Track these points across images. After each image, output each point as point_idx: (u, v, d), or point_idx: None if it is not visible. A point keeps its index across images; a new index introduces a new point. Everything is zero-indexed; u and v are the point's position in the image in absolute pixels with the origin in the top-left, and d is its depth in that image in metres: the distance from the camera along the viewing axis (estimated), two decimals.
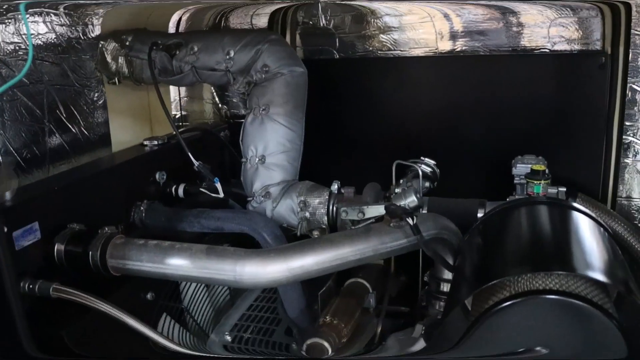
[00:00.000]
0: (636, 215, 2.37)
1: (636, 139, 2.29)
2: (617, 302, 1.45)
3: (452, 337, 1.49)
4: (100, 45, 2.24)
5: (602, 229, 1.70)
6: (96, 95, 2.23)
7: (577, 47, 2.44)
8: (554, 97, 2.45)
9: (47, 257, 1.66)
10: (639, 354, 1.34)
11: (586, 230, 1.64)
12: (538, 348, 1.36)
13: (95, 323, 1.63)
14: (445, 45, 2.59)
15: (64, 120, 2.07)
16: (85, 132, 2.16)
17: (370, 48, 2.69)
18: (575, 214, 1.73)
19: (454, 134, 2.56)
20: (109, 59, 2.26)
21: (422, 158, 2.16)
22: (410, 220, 1.63)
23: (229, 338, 2.02)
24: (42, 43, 1.96)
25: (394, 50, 2.64)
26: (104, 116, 2.27)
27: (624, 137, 2.31)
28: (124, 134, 2.40)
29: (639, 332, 1.36)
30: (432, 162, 2.16)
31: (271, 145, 2.17)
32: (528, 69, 2.47)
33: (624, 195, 2.37)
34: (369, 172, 2.18)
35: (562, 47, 2.45)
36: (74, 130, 2.11)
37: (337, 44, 2.71)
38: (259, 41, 2.16)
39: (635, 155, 2.31)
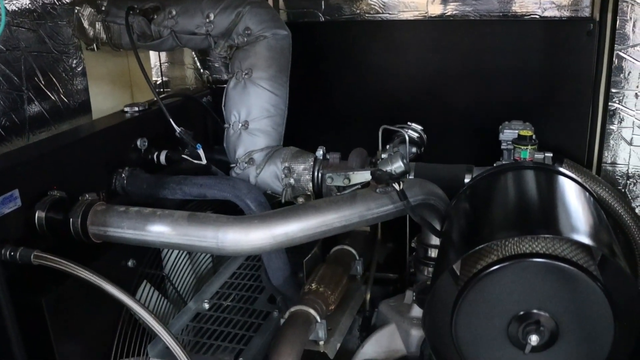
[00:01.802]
0: (620, 181, 2.38)
1: (622, 106, 2.29)
2: (601, 264, 1.45)
3: (443, 301, 1.49)
4: (76, 11, 2.19)
5: (587, 193, 1.70)
6: (75, 62, 2.19)
7: (566, 13, 2.42)
8: (542, 64, 2.43)
9: (28, 225, 1.65)
10: (623, 314, 1.34)
11: (572, 194, 1.64)
12: (535, 310, 1.36)
13: (75, 290, 1.62)
14: (436, 9, 2.55)
15: (43, 87, 2.04)
16: (65, 99, 2.13)
17: (358, 11, 2.64)
18: (562, 178, 1.72)
19: (442, 100, 2.54)
20: (85, 24, 2.21)
21: (409, 123, 2.14)
22: (396, 186, 1.61)
23: (207, 306, 2.00)
24: (17, 9, 1.92)
25: (382, 13, 2.60)
26: (84, 83, 2.23)
27: (609, 104, 2.31)
28: (104, 101, 2.37)
29: (622, 294, 1.37)
30: (419, 127, 2.14)
31: (254, 111, 2.13)
32: (517, 35, 2.44)
33: (609, 161, 2.38)
34: (355, 137, 2.16)
35: (552, 13, 2.43)
36: (53, 98, 2.08)
37: (323, 7, 2.66)
38: (239, 3, 2.11)
39: (621, 122, 2.32)
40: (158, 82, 2.79)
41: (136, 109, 2.22)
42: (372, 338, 2.07)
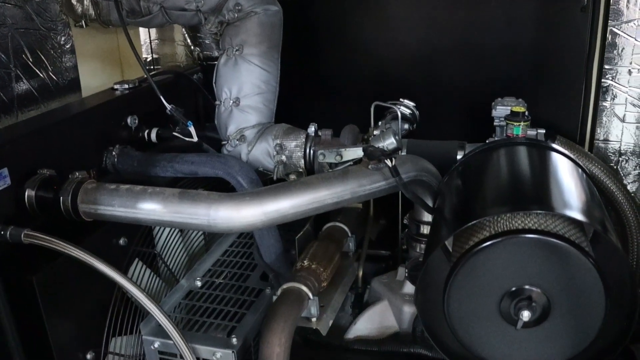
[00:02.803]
0: (612, 158, 2.38)
1: (615, 82, 2.28)
2: (593, 240, 1.46)
3: (435, 278, 1.49)
4: None
5: (580, 169, 1.70)
6: (63, 39, 2.16)
7: None
8: (536, 40, 2.41)
9: (18, 203, 1.64)
10: (614, 290, 1.35)
11: (564, 170, 1.63)
12: (527, 287, 1.36)
13: (66, 269, 1.62)
14: None
15: (31, 65, 2.01)
16: (54, 77, 2.11)
17: None
18: (554, 154, 1.72)
19: (435, 76, 2.52)
20: (73, 0, 2.18)
21: (401, 100, 2.13)
22: (389, 162, 1.61)
23: (199, 283, 2.00)
24: None
25: None
26: (72, 60, 2.20)
27: (603, 80, 2.30)
28: (94, 78, 2.35)
29: (613, 270, 1.38)
30: (411, 103, 2.13)
31: (246, 87, 2.12)
32: (510, 11, 2.42)
33: (602, 138, 2.38)
34: (347, 114, 2.15)
35: None
36: (41, 75, 2.05)
37: None
38: None
39: (614, 99, 2.31)
40: (148, 60, 2.76)
41: (126, 86, 2.20)
42: (364, 315, 2.08)
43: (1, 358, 1.53)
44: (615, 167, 2.38)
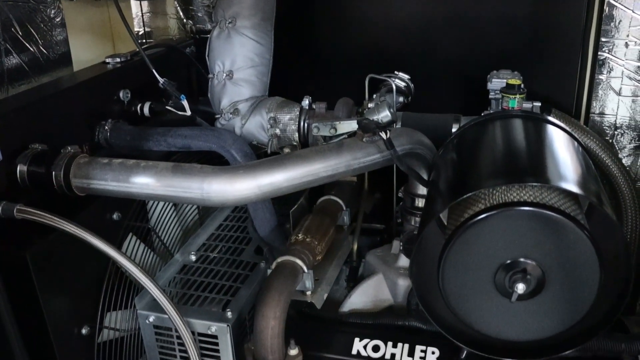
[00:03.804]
0: (608, 132, 2.37)
1: (611, 55, 2.26)
2: (588, 213, 1.46)
3: (430, 251, 1.49)
4: None
5: (576, 142, 1.69)
6: (53, 12, 2.12)
7: None
8: (532, 12, 2.38)
9: (9, 179, 1.63)
10: (609, 263, 1.35)
11: (560, 143, 1.63)
12: (522, 259, 1.36)
13: (60, 244, 1.61)
14: None
15: (21, 38, 1.97)
16: (44, 51, 2.07)
17: None
18: (550, 127, 1.71)
19: (430, 49, 2.50)
20: None
21: (396, 72, 2.11)
22: (383, 135, 1.60)
23: (193, 258, 2.00)
24: None
25: None
26: (63, 34, 2.16)
27: (599, 53, 2.28)
28: (85, 52, 2.31)
29: (608, 242, 1.38)
30: (406, 76, 2.11)
31: (239, 60, 2.10)
32: None
33: (597, 111, 2.36)
34: (341, 87, 2.13)
35: None
36: (32, 49, 2.02)
37: None
38: None
39: (610, 72, 2.29)
40: (140, 33, 2.73)
41: (118, 60, 2.17)
42: (359, 288, 2.08)
43: None
44: (610, 140, 2.37)
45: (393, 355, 1.75)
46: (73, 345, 1.71)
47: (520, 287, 1.35)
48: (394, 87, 2.05)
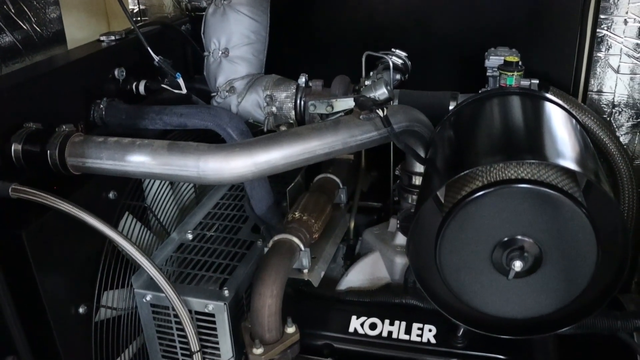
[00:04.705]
0: (606, 110, 2.36)
1: (610, 32, 2.25)
2: (585, 191, 1.45)
3: (427, 228, 1.49)
4: None
5: (574, 120, 1.68)
6: None
7: None
8: None
9: (4, 158, 1.62)
10: (606, 240, 1.35)
11: (558, 120, 1.62)
12: (519, 237, 1.36)
13: (55, 223, 1.60)
14: None
15: (13, 16, 1.95)
16: (38, 28, 2.05)
17: None
18: (548, 104, 1.70)
19: (427, 26, 2.48)
20: None
21: (393, 50, 2.10)
22: (380, 112, 1.58)
23: (190, 236, 2.00)
24: None
25: None
26: (57, 12, 2.14)
27: (597, 30, 2.26)
28: (79, 30, 2.29)
29: (605, 220, 1.38)
30: (403, 53, 2.09)
31: (235, 38, 2.08)
32: None
33: (595, 89, 2.35)
34: (338, 65, 2.12)
35: None
36: (25, 27, 1.99)
37: None
38: None
39: (608, 49, 2.28)
40: (135, 11, 2.70)
41: (113, 38, 2.15)
42: (356, 266, 2.08)
43: None
44: (608, 118, 2.36)
45: (390, 333, 1.76)
46: (70, 324, 1.70)
47: (518, 265, 1.35)
48: (391, 64, 2.04)
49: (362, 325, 1.79)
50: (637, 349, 1.66)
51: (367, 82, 1.98)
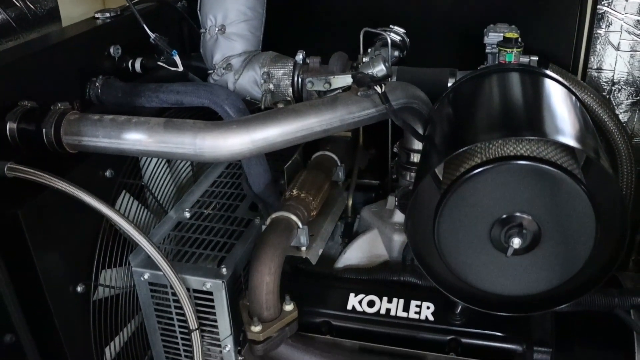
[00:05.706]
0: (605, 87, 2.35)
1: (610, 9, 2.22)
2: (584, 168, 1.45)
3: (425, 206, 1.49)
4: None
5: (574, 97, 1.67)
6: None
7: None
8: None
9: None
10: (604, 217, 1.35)
11: (558, 97, 1.61)
12: (518, 214, 1.35)
13: (52, 202, 1.60)
14: None
15: None
16: (32, 6, 2.03)
17: None
18: (548, 81, 1.69)
19: (426, 3, 2.45)
20: None
21: (391, 26, 2.08)
22: (378, 89, 1.57)
23: (187, 215, 2.00)
24: None
25: None
26: None
27: (598, 7, 2.24)
28: (74, 7, 2.26)
29: (604, 197, 1.37)
30: (401, 30, 2.08)
31: (231, 14, 2.05)
32: None
33: (595, 66, 2.34)
34: (336, 41, 2.10)
35: None
36: (18, 5, 1.98)
37: None
38: None
39: (609, 26, 2.25)
40: None
41: (108, 15, 2.13)
42: (354, 244, 2.08)
43: None
44: (607, 96, 2.35)
45: (388, 310, 1.76)
46: (68, 303, 1.71)
47: (516, 242, 1.35)
48: (389, 41, 2.03)
49: (360, 302, 1.79)
50: (634, 326, 1.66)
51: (365, 59, 1.96)
